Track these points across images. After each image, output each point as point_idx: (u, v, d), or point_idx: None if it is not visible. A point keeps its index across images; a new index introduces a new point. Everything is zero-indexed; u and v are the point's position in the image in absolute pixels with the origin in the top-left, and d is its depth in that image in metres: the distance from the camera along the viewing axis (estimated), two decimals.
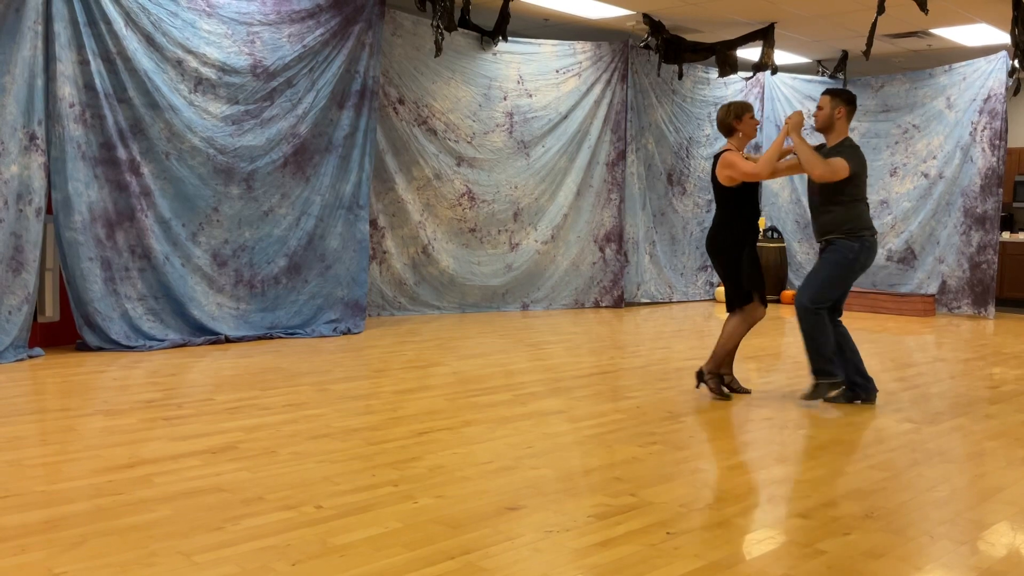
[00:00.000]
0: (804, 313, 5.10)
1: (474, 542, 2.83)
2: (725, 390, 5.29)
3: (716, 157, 5.17)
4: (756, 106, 11.88)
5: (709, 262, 11.58)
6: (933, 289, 10.57)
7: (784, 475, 3.71)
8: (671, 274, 11.05)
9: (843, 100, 5.17)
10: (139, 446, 3.86)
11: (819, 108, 5.16)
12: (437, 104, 8.70)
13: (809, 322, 5.08)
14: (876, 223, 11.03)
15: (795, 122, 5.10)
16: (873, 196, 11.10)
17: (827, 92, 5.22)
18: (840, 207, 5.04)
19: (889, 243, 10.95)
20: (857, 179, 5.05)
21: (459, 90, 8.87)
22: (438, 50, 7.95)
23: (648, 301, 10.74)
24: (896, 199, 10.92)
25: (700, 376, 5.32)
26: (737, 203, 5.15)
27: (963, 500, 3.46)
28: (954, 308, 10.45)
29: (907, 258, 10.82)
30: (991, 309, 10.20)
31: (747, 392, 5.39)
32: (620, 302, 10.21)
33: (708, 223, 11.41)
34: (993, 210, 10.13)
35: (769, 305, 11.55)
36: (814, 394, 5.08)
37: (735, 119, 5.18)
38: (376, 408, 4.77)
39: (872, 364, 6.74)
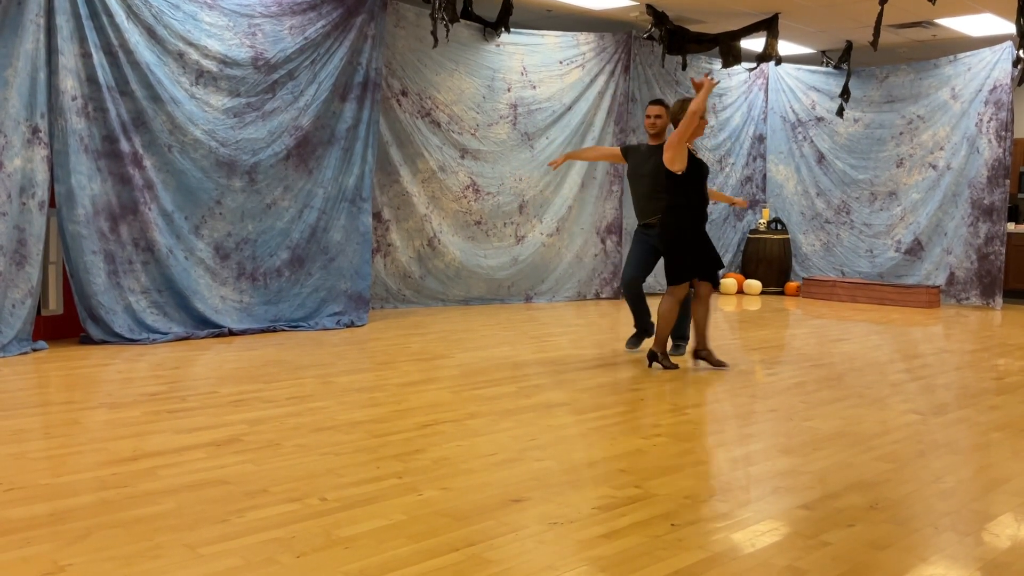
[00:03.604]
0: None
1: (479, 534, 2.83)
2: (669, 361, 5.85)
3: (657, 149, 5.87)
4: (760, 97, 11.86)
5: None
6: (941, 280, 10.55)
7: (788, 467, 3.71)
8: None
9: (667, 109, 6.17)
10: (143, 439, 3.87)
11: (658, 116, 6.21)
12: (441, 96, 8.68)
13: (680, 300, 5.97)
14: (885, 215, 11.05)
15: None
16: (881, 187, 11.09)
17: (662, 103, 6.29)
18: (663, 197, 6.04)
19: (898, 234, 10.93)
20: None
21: (463, 82, 8.85)
22: (436, 41, 7.90)
23: (646, 292, 10.68)
24: (904, 190, 10.89)
25: (653, 357, 5.81)
26: (684, 190, 5.66)
27: (968, 491, 3.46)
28: (962, 299, 10.43)
29: (914, 249, 10.79)
30: (998, 300, 10.18)
31: (723, 365, 5.89)
32: (619, 294, 10.19)
33: (713, 214, 11.44)
34: (1000, 201, 10.10)
35: (774, 297, 11.55)
36: (679, 352, 6.26)
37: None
38: (380, 400, 4.76)
39: (878, 355, 6.73)
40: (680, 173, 5.59)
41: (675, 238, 5.70)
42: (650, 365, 5.84)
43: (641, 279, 6.40)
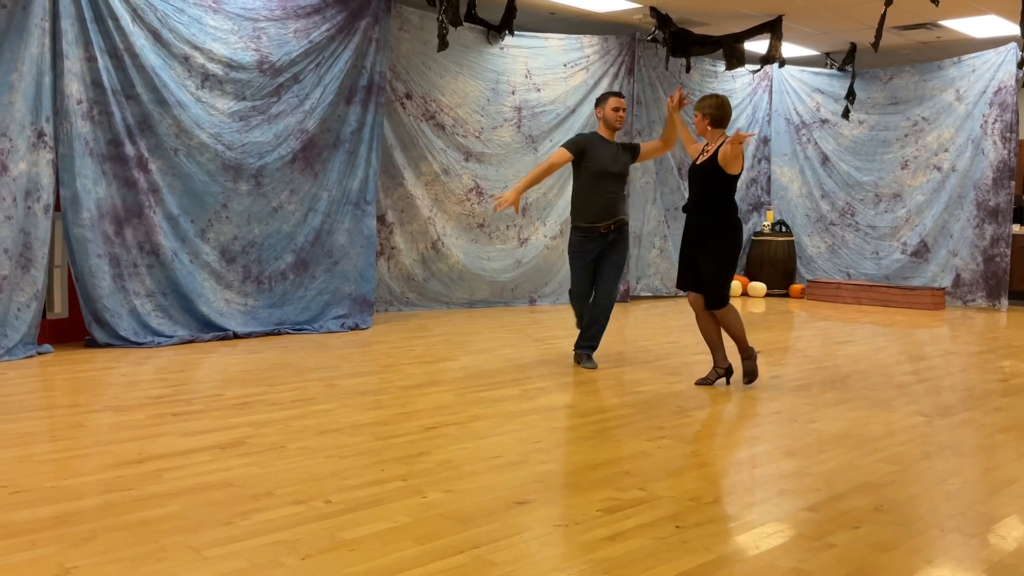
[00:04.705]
0: (613, 305, 5.96)
1: (483, 536, 2.83)
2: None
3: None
4: (764, 99, 11.84)
5: None
6: (947, 282, 10.53)
7: (793, 469, 3.70)
8: None
9: None
10: (148, 442, 3.87)
11: (625, 110, 5.99)
12: (445, 99, 8.69)
13: (612, 310, 5.96)
14: (890, 216, 11.03)
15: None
16: (886, 190, 11.08)
17: (622, 95, 6.07)
18: (625, 195, 6.16)
19: (903, 236, 10.91)
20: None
21: (467, 85, 8.86)
22: (441, 45, 7.90)
23: (650, 295, 10.72)
24: (909, 192, 10.87)
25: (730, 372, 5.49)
26: None
27: (973, 493, 3.45)
28: (968, 301, 10.41)
29: (920, 251, 10.77)
30: (1004, 302, 10.16)
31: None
32: (626, 296, 10.19)
33: None
34: (1005, 203, 10.08)
35: (778, 299, 11.51)
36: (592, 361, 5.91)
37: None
38: (385, 403, 4.77)
39: (883, 357, 6.71)
40: None
41: None
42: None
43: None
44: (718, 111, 5.23)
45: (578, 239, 5.83)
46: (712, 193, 5.19)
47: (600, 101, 5.94)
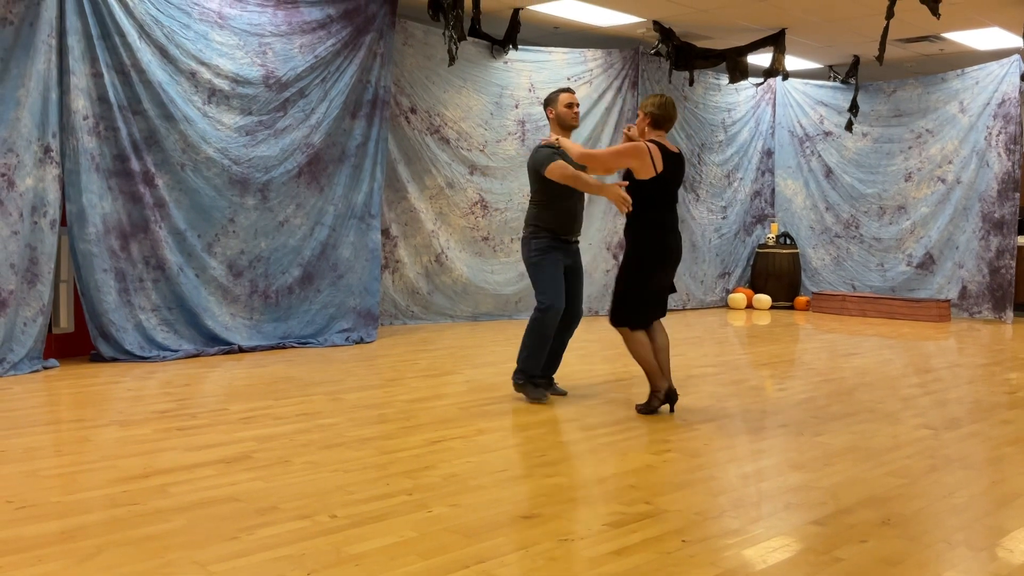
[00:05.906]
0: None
1: (489, 551, 2.82)
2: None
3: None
4: (767, 112, 11.86)
5: (728, 269, 11.56)
6: (953, 294, 10.51)
7: (800, 482, 3.69)
8: (689, 281, 11.02)
9: None
10: (154, 456, 3.87)
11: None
12: (449, 113, 8.73)
13: None
14: (895, 229, 11.02)
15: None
16: (890, 202, 11.07)
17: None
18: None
19: (908, 248, 10.91)
20: None
21: (471, 99, 8.89)
22: (452, 59, 7.97)
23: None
24: (913, 204, 10.87)
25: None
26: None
27: (981, 506, 3.43)
28: (975, 313, 10.39)
29: (926, 263, 10.76)
30: (1010, 314, 10.13)
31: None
32: None
33: (724, 229, 11.45)
34: (1011, 215, 10.08)
35: (784, 312, 11.48)
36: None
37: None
38: (390, 417, 4.77)
39: (889, 370, 6.70)
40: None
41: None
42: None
43: None
44: (660, 111, 4.80)
45: (547, 243, 5.13)
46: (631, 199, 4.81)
47: (550, 100, 5.27)
